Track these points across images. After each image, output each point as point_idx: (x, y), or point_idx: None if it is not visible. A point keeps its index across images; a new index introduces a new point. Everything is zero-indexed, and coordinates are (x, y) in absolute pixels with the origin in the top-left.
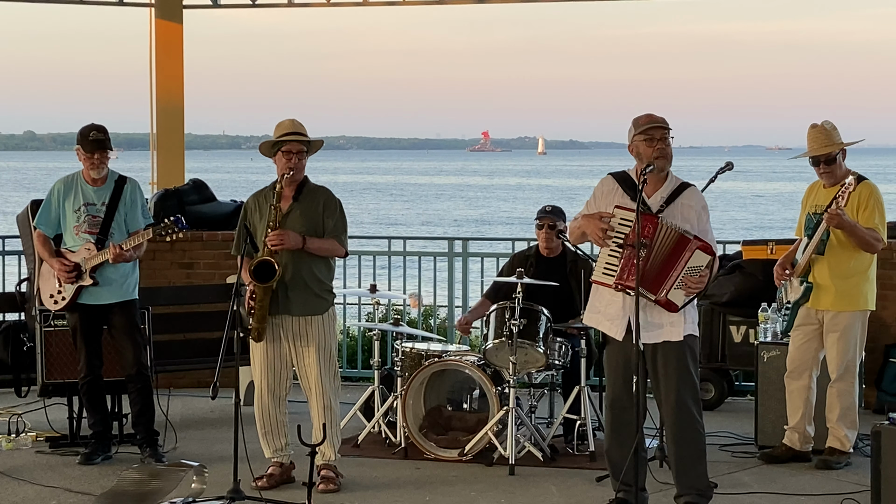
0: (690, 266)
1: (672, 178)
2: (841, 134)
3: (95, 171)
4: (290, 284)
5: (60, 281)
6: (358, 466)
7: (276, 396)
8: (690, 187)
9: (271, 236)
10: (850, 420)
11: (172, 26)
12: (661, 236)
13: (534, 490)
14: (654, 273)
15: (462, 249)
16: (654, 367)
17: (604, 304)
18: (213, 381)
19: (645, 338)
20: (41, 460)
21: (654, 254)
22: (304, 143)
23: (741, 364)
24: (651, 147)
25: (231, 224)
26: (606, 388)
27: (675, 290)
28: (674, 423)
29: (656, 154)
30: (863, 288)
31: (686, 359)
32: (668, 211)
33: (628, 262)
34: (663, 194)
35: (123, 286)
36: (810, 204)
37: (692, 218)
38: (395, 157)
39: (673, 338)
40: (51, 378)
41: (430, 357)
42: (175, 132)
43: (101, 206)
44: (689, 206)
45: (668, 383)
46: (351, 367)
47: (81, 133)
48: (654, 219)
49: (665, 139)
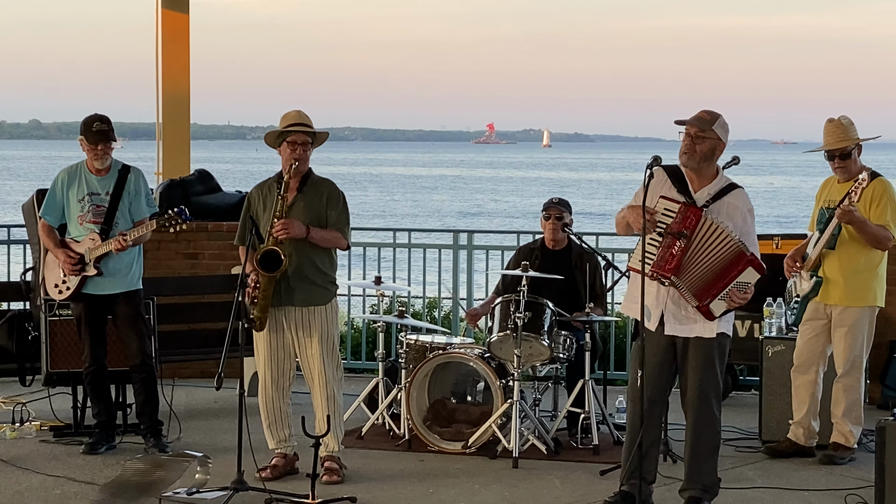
0: (740, 281)
1: (721, 177)
2: (857, 129)
3: (99, 162)
4: (293, 275)
5: (65, 271)
6: (362, 458)
7: (279, 387)
8: (738, 189)
9: (277, 225)
10: (855, 416)
11: (179, 16)
12: (704, 231)
13: (537, 483)
14: (704, 281)
15: (467, 242)
16: (684, 361)
17: (640, 294)
18: (218, 372)
19: (677, 330)
20: (45, 449)
21: (693, 248)
22: (310, 135)
23: (746, 359)
24: (682, 142)
25: (236, 215)
26: (630, 377)
27: (718, 301)
28: (694, 418)
29: (684, 149)
30: (872, 284)
31: (714, 356)
32: (713, 207)
33: (667, 252)
34: (710, 191)
35: (128, 276)
36: (824, 198)
37: (737, 218)
38: (401, 148)
39: (705, 334)
40: (55, 367)
41: (434, 349)
42: (181, 122)
43: (105, 196)
44: (736, 206)
45: (693, 378)
46: (355, 359)
47: (85, 123)
48: (697, 211)
49: (697, 136)
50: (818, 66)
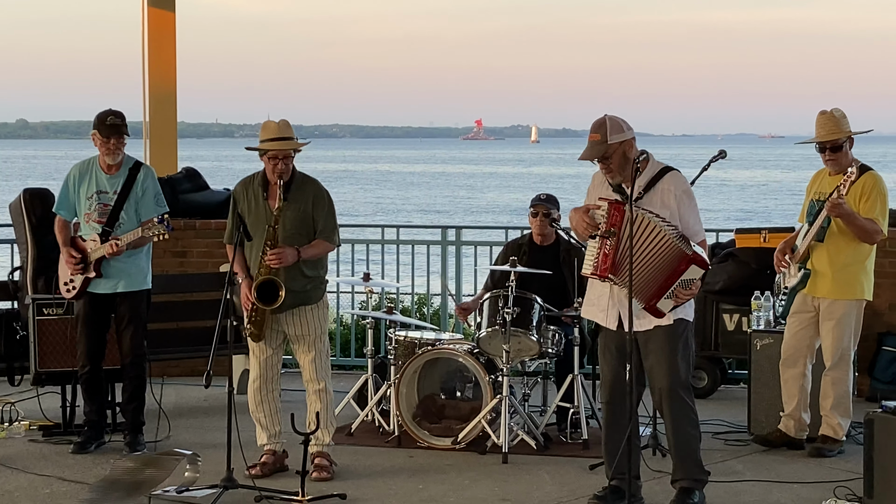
0: (684, 279)
1: (653, 164)
2: (850, 122)
3: (111, 157)
4: (283, 278)
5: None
6: (351, 455)
7: (268, 385)
8: (671, 172)
9: (269, 255)
10: (844, 408)
11: (165, 14)
12: (635, 227)
13: (527, 478)
14: (648, 280)
15: (455, 237)
16: (646, 354)
17: (595, 296)
18: (207, 370)
19: (637, 325)
20: (34, 449)
21: (623, 244)
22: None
23: (734, 352)
24: (601, 170)
25: (224, 212)
26: (601, 377)
27: (665, 300)
28: (668, 411)
29: (604, 175)
30: (860, 277)
31: (675, 344)
32: (646, 198)
33: (599, 252)
34: (640, 183)
35: (133, 276)
36: (814, 190)
37: (671, 203)
38: (389, 145)
39: (664, 322)
40: (44, 367)
41: (423, 345)
42: (168, 120)
43: (113, 195)
44: (668, 190)
45: (658, 371)
46: (344, 356)
47: (98, 118)
48: (619, 206)
49: (601, 160)
50: (806, 59)
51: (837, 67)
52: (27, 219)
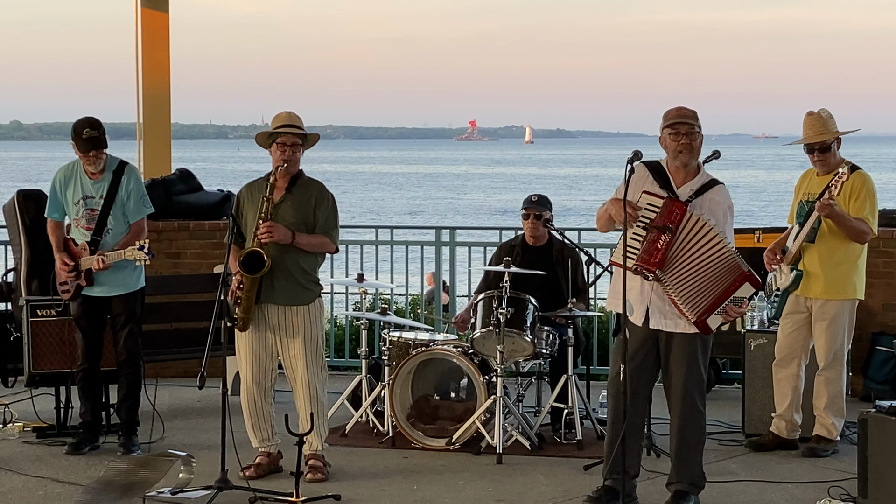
0: (736, 296)
1: (703, 174)
2: (837, 122)
3: (92, 167)
4: (275, 274)
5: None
6: (346, 456)
7: (262, 386)
8: (720, 185)
9: (261, 228)
10: (838, 408)
11: (158, 15)
12: (690, 226)
13: (521, 479)
14: (696, 289)
15: (449, 238)
16: (668, 356)
17: (626, 289)
18: (201, 371)
19: (662, 325)
20: (28, 450)
21: (678, 243)
22: (300, 136)
23: (728, 352)
24: (676, 141)
25: (218, 214)
26: (612, 374)
27: (715, 316)
28: (679, 413)
29: (680, 148)
30: (852, 277)
31: (697, 352)
32: (695, 203)
33: (651, 245)
34: (693, 187)
35: (127, 279)
36: (803, 191)
37: (718, 214)
38: (383, 146)
39: (689, 330)
40: (38, 368)
41: (417, 346)
42: (161, 122)
43: (99, 199)
44: (718, 202)
45: (677, 373)
46: (338, 357)
47: (74, 130)
48: (682, 205)
49: (691, 133)
50: (799, 59)
51: (831, 67)
52: (21, 220)
